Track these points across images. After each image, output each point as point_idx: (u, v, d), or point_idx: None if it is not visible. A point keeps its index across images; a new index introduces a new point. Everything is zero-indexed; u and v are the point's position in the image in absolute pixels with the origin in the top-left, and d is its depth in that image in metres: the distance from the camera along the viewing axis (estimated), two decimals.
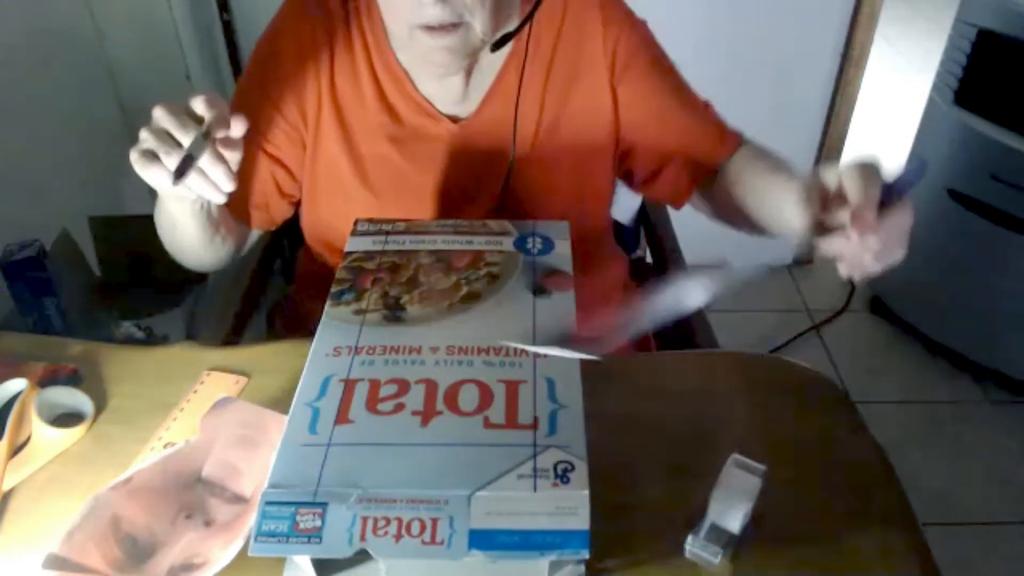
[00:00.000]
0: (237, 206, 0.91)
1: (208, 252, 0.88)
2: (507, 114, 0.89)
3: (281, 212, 0.96)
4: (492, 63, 0.89)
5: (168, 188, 0.69)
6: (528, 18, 0.86)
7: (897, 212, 0.63)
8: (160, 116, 0.67)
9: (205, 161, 0.67)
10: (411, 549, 0.51)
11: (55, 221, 1.40)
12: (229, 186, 0.70)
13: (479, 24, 0.79)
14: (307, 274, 1.03)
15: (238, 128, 0.69)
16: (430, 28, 0.78)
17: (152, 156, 0.67)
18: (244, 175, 0.91)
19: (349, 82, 0.89)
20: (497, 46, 0.85)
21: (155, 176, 0.68)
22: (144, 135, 0.68)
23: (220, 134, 0.68)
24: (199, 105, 0.68)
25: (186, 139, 0.66)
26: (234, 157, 0.70)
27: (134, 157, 0.67)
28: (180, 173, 0.66)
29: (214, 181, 0.69)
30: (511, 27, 0.85)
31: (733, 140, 0.94)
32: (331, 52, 0.88)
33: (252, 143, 0.89)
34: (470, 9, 0.78)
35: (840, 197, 0.63)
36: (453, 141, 0.90)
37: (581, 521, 0.53)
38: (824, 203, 0.64)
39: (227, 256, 0.93)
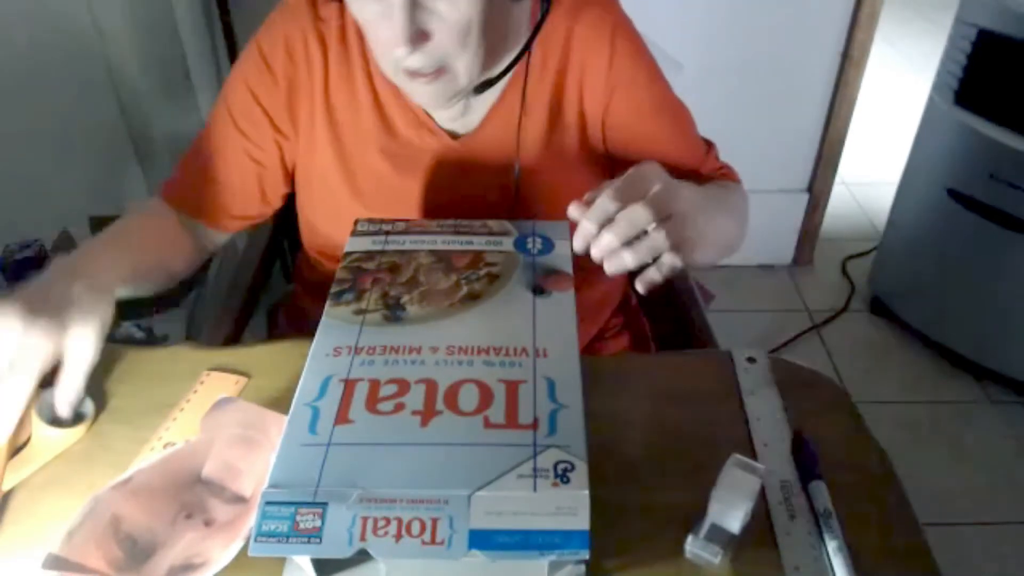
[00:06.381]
0: (212, 208, 0.91)
1: (163, 284, 0.91)
2: (509, 133, 0.88)
3: (263, 212, 0.95)
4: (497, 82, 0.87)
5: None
6: (511, 66, 0.85)
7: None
8: None
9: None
10: (411, 549, 0.51)
11: (55, 221, 1.40)
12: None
13: (462, 67, 0.78)
14: (306, 278, 1.03)
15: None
16: (412, 74, 0.77)
17: None
18: (222, 177, 0.91)
19: (345, 92, 0.88)
20: (479, 90, 0.84)
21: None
22: None
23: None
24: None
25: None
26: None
27: None
28: None
29: None
30: (512, 57, 0.85)
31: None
32: (325, 61, 0.87)
33: (234, 146, 0.89)
34: (452, 55, 0.76)
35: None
36: (452, 157, 0.89)
37: (581, 521, 0.53)
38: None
39: (189, 270, 0.95)
